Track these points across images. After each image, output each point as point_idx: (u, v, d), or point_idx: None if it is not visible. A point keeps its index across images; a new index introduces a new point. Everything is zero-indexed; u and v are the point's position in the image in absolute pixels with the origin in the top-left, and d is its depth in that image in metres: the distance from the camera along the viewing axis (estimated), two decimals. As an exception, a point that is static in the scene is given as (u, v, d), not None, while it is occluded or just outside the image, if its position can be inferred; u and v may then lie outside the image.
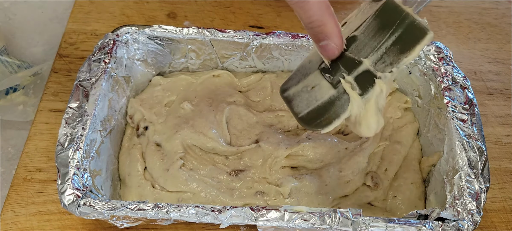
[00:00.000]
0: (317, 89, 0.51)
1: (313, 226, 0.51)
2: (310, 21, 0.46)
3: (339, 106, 0.50)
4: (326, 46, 0.48)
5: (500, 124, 0.75)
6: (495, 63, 0.83)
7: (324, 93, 0.51)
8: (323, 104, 0.51)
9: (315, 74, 0.52)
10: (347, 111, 0.50)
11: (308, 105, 0.52)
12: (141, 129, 0.66)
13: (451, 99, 0.62)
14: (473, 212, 0.53)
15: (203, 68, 0.72)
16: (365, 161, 0.64)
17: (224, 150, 0.64)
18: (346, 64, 0.49)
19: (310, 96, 0.52)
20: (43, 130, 0.69)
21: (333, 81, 0.50)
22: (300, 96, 0.53)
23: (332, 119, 0.51)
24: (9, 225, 0.60)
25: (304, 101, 0.52)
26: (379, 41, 0.48)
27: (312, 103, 0.52)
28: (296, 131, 0.69)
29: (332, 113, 0.51)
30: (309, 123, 0.53)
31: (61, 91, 0.73)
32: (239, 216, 0.52)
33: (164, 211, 0.52)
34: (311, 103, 0.52)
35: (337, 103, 0.50)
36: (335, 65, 0.50)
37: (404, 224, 0.52)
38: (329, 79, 0.50)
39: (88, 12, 0.84)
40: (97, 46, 0.65)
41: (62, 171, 0.54)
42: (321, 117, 0.51)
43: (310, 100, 0.52)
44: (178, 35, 0.68)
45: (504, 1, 0.93)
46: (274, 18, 0.85)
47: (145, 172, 0.63)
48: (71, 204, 0.52)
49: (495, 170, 0.69)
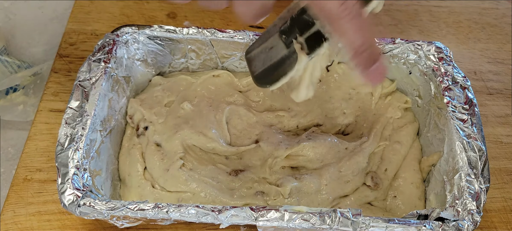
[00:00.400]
0: (274, 50, 0.54)
1: (313, 226, 0.51)
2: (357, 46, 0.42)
3: (288, 64, 0.52)
4: (377, 70, 0.44)
5: (500, 124, 0.75)
6: (495, 63, 0.83)
7: (278, 53, 0.53)
8: (275, 63, 0.53)
9: (275, 36, 0.54)
10: (294, 70, 0.52)
11: (263, 64, 0.55)
12: (141, 129, 0.66)
13: (451, 99, 0.62)
14: (473, 212, 0.53)
15: (203, 68, 0.72)
16: (365, 161, 0.64)
17: (224, 150, 0.64)
18: (301, 25, 0.51)
19: (267, 56, 0.54)
20: (43, 130, 0.69)
21: (287, 41, 0.52)
22: (259, 57, 0.55)
23: (280, 76, 0.53)
24: (9, 225, 0.60)
25: (261, 61, 0.55)
26: None
27: (266, 62, 0.54)
28: (296, 131, 0.69)
29: (281, 71, 0.53)
30: (260, 80, 0.55)
31: (61, 91, 0.73)
32: (239, 216, 0.52)
33: (164, 211, 0.52)
34: (266, 62, 0.54)
35: (287, 62, 0.52)
36: (292, 27, 0.52)
37: (404, 224, 0.52)
38: (284, 40, 0.52)
39: (88, 12, 0.83)
40: (97, 46, 0.65)
41: (62, 171, 0.54)
42: (271, 75, 0.54)
43: (266, 60, 0.54)
44: (178, 35, 0.68)
45: (504, 1, 0.93)
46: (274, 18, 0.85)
47: (145, 172, 0.63)
48: (71, 204, 0.52)
49: (495, 170, 0.69)
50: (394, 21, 0.87)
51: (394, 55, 0.68)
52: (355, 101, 0.70)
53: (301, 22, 0.51)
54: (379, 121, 0.68)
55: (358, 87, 0.70)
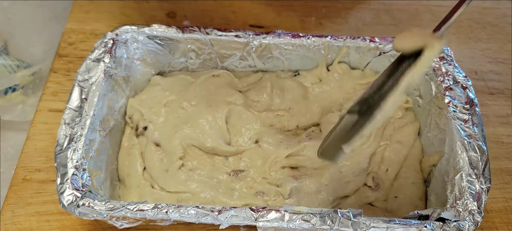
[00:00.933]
0: None
1: (314, 226, 0.51)
2: None
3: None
4: None
5: (501, 123, 0.74)
6: (496, 63, 0.83)
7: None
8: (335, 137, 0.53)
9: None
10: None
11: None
12: (140, 128, 0.66)
13: (452, 99, 0.62)
14: (474, 212, 0.53)
15: (202, 68, 0.72)
16: (366, 161, 0.64)
17: (224, 150, 0.64)
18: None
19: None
20: (42, 130, 0.69)
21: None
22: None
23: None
24: (8, 226, 0.60)
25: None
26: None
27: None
28: (296, 130, 0.68)
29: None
30: (326, 156, 0.53)
31: (60, 91, 0.73)
32: (239, 217, 0.52)
33: (164, 212, 0.52)
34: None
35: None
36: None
37: (404, 224, 0.52)
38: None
39: (87, 11, 0.83)
40: (96, 46, 0.64)
41: (61, 171, 0.54)
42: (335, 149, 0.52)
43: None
44: (177, 34, 0.67)
45: (505, 1, 0.93)
46: (274, 17, 0.85)
47: (145, 172, 0.63)
48: (70, 205, 0.52)
49: (496, 170, 0.69)
50: (395, 21, 0.87)
51: (395, 55, 0.68)
52: (356, 101, 0.70)
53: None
54: (379, 120, 0.68)
55: (359, 87, 0.70)
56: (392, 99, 0.47)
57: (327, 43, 0.68)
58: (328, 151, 0.53)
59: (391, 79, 0.49)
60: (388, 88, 0.48)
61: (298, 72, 0.72)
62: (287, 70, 0.72)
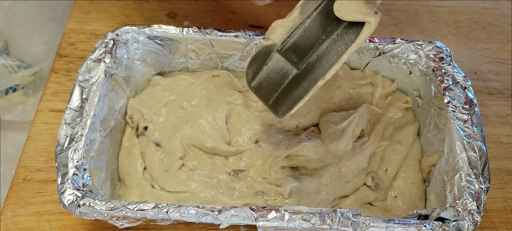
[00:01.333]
0: (277, 72, 0.55)
1: (313, 226, 0.51)
2: None
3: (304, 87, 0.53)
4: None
5: (501, 123, 0.74)
6: (495, 63, 0.83)
7: (288, 74, 0.54)
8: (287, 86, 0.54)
9: (277, 57, 0.55)
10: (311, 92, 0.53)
11: (274, 91, 0.55)
12: (141, 128, 0.66)
13: (451, 99, 0.62)
14: (473, 212, 0.53)
15: (203, 68, 0.72)
16: (366, 161, 0.64)
17: (224, 150, 0.64)
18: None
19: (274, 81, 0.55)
20: (42, 130, 0.69)
21: (296, 62, 0.54)
22: (266, 85, 0.55)
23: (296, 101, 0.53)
24: (8, 225, 0.60)
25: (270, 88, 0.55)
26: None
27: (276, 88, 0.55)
28: (296, 130, 0.69)
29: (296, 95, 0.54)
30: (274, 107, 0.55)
31: (60, 91, 0.73)
32: (239, 216, 0.52)
33: (164, 211, 0.52)
34: (276, 87, 0.54)
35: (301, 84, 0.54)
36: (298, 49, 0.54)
37: (404, 224, 0.52)
38: (294, 61, 0.54)
39: (87, 12, 0.83)
40: (97, 46, 0.64)
41: (61, 171, 0.54)
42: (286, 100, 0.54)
43: (275, 85, 0.55)
44: (178, 35, 0.67)
45: (504, 1, 0.93)
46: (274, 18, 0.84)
47: (145, 172, 0.63)
48: (71, 204, 0.52)
49: (495, 170, 0.69)
50: (394, 21, 0.87)
51: (395, 55, 0.68)
52: (355, 101, 0.70)
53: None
54: (380, 120, 0.68)
55: (358, 87, 0.70)
56: (333, 70, 0.52)
57: (327, 43, 0.68)
58: (264, 88, 0.55)
59: (327, 40, 0.53)
60: (326, 53, 0.53)
61: (298, 72, 0.72)
62: (287, 70, 0.72)
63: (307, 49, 0.54)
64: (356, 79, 0.71)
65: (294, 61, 0.54)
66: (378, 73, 0.71)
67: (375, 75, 0.71)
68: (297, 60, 0.54)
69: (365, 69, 0.71)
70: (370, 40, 0.68)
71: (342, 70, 0.71)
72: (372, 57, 0.69)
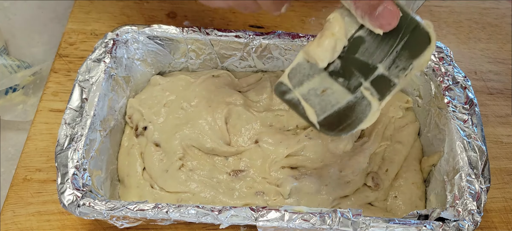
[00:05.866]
0: (330, 93, 0.50)
1: (313, 226, 0.51)
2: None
3: (360, 111, 0.50)
4: (383, 13, 0.44)
5: (501, 123, 0.74)
6: (495, 63, 0.83)
7: (340, 98, 0.50)
8: (343, 110, 0.50)
9: (322, 76, 0.50)
10: (369, 117, 0.49)
11: (323, 110, 0.51)
12: (140, 129, 0.66)
13: (451, 99, 0.62)
14: (473, 212, 0.53)
15: (203, 68, 0.72)
16: (366, 161, 0.64)
17: (224, 151, 0.64)
18: (359, 68, 0.49)
19: (323, 101, 0.50)
20: (42, 130, 0.69)
21: (349, 86, 0.50)
22: (310, 100, 0.51)
23: (355, 124, 0.50)
24: (8, 225, 0.60)
25: (317, 106, 0.51)
26: (390, 45, 0.48)
27: (328, 108, 0.50)
28: (296, 130, 0.69)
29: (355, 119, 0.50)
30: (330, 128, 0.51)
31: (60, 91, 0.73)
32: (239, 216, 0.52)
33: (164, 211, 0.52)
34: (327, 108, 0.50)
35: (357, 108, 0.50)
36: (347, 68, 0.49)
37: (404, 224, 0.52)
38: (343, 84, 0.50)
39: (88, 12, 0.83)
40: (96, 46, 0.64)
41: (61, 171, 0.54)
42: (343, 123, 0.50)
43: (324, 105, 0.50)
44: (178, 35, 0.67)
45: (504, 1, 0.93)
46: (274, 18, 0.85)
47: (144, 172, 0.63)
48: (71, 204, 0.52)
49: (495, 170, 0.69)
50: (394, 21, 0.87)
51: (395, 55, 0.68)
52: (355, 101, 0.70)
53: (358, 64, 0.49)
54: (380, 120, 0.68)
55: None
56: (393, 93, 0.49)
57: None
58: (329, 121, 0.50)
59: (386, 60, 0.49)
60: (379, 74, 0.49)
61: (298, 72, 0.72)
62: (287, 70, 0.72)
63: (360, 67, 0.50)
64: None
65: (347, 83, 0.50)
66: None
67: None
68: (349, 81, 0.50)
69: (365, 69, 0.71)
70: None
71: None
72: (372, 57, 0.69)
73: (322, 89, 0.51)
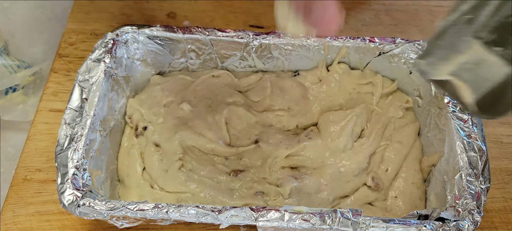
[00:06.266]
0: (484, 67, 0.41)
1: (313, 226, 0.51)
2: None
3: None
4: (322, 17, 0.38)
5: (501, 123, 0.74)
6: (495, 63, 0.83)
7: (495, 72, 0.41)
8: (499, 86, 0.41)
9: (475, 47, 0.41)
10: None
11: (476, 89, 0.43)
12: (140, 129, 0.66)
13: (451, 99, 0.62)
14: (473, 212, 0.53)
15: (203, 68, 0.72)
16: (366, 161, 0.64)
17: (224, 151, 0.64)
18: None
19: (476, 77, 0.42)
20: (42, 130, 0.69)
21: (507, 55, 0.40)
22: (461, 77, 0.43)
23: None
24: (8, 225, 0.60)
25: (468, 84, 0.43)
26: None
27: (481, 86, 0.42)
28: (296, 130, 0.69)
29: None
30: (486, 110, 0.43)
31: (60, 91, 0.73)
32: (239, 216, 0.52)
33: (164, 211, 0.52)
34: (480, 86, 0.42)
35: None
36: (504, 34, 0.40)
37: (404, 224, 0.52)
38: (502, 53, 0.40)
39: (87, 12, 0.83)
40: (96, 46, 0.64)
41: (61, 171, 0.54)
42: (502, 102, 0.42)
43: (477, 82, 0.42)
44: (178, 35, 0.67)
45: (504, 1, 0.93)
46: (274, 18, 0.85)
47: (144, 173, 0.63)
48: (71, 204, 0.52)
49: (495, 170, 0.69)
50: (394, 21, 0.87)
51: (395, 55, 0.68)
52: (355, 101, 0.70)
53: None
54: (380, 120, 0.68)
55: (358, 87, 0.70)
56: None
57: (327, 43, 0.68)
58: (485, 101, 0.42)
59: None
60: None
61: (298, 72, 0.72)
62: (287, 70, 0.72)
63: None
64: (356, 79, 0.71)
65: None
66: (378, 73, 0.71)
67: (375, 75, 0.71)
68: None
69: (365, 69, 0.71)
70: (370, 40, 0.68)
71: (341, 70, 0.70)
72: (372, 57, 0.69)
73: (474, 63, 0.42)
